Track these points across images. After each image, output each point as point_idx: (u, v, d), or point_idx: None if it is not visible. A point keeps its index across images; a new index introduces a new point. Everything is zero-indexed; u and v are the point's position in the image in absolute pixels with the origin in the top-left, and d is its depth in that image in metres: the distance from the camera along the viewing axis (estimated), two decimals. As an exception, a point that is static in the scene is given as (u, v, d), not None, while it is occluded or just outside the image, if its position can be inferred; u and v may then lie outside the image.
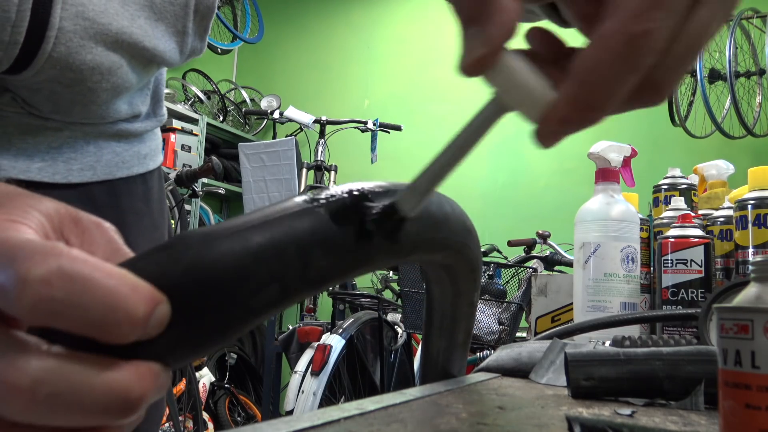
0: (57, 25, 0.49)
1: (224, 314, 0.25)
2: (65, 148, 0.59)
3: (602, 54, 0.26)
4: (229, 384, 3.38)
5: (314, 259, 0.27)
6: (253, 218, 0.27)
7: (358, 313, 2.68)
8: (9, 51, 0.48)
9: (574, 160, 3.43)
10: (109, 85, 0.55)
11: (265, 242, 0.26)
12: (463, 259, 0.45)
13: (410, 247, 0.33)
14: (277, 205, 0.28)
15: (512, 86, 0.28)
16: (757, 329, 0.33)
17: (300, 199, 0.29)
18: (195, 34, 0.61)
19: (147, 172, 0.68)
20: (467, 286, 0.50)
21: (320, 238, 0.28)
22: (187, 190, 2.80)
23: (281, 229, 0.27)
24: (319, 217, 0.28)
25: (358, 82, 4.62)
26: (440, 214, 0.38)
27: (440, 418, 0.42)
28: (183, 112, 4.01)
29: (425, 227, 0.35)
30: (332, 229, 0.28)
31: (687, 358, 0.53)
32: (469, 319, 0.54)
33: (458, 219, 0.41)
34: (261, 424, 0.36)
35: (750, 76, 3.49)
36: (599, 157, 1.15)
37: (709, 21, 0.27)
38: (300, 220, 0.27)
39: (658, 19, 0.25)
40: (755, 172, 0.95)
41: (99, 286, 0.23)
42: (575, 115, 0.27)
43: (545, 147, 0.29)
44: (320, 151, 3.49)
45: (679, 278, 0.93)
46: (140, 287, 0.24)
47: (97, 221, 0.29)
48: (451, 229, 0.39)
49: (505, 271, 2.66)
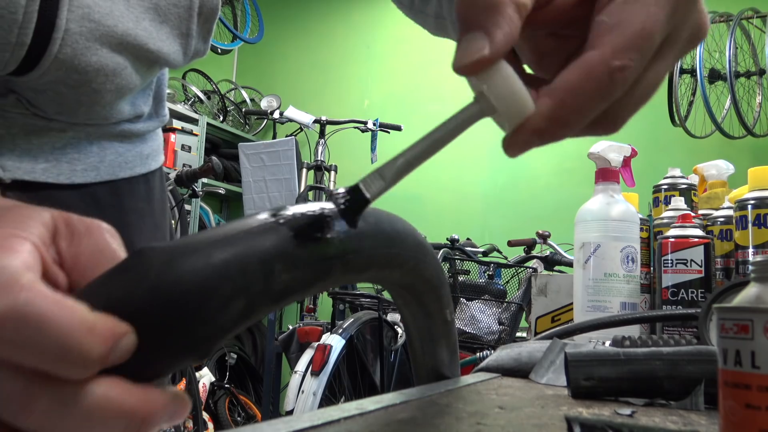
0: (63, 26, 0.49)
1: (191, 333, 0.25)
2: (69, 149, 0.59)
3: (583, 79, 0.30)
4: (229, 384, 3.38)
5: (276, 273, 0.27)
6: (214, 234, 0.27)
7: (358, 313, 2.68)
8: (16, 52, 0.49)
9: (574, 160, 3.44)
10: (113, 87, 0.55)
11: (228, 258, 0.26)
12: (421, 277, 0.44)
13: (365, 262, 0.33)
14: (240, 222, 0.28)
15: (504, 91, 0.30)
16: (757, 329, 0.33)
17: (262, 216, 0.29)
18: (198, 36, 0.61)
19: (149, 172, 0.68)
20: (435, 305, 0.49)
21: (281, 252, 0.27)
22: (187, 190, 2.80)
23: (244, 244, 0.27)
24: (280, 232, 0.28)
25: (358, 82, 4.62)
26: (391, 230, 0.37)
27: (440, 418, 0.42)
28: (183, 112, 4.01)
29: (378, 242, 0.35)
30: (292, 243, 0.28)
31: (687, 358, 0.53)
32: (449, 336, 0.53)
33: (410, 235, 0.40)
34: (261, 424, 0.36)
35: (750, 76, 3.49)
36: (599, 157, 1.15)
37: (663, 73, 0.32)
38: (262, 237, 0.27)
39: (633, 59, 0.30)
40: (755, 172, 0.95)
41: (53, 327, 0.23)
42: (549, 129, 0.30)
43: (511, 156, 0.32)
44: (320, 151, 3.49)
45: (679, 278, 0.93)
46: (97, 326, 0.23)
47: (89, 225, 0.29)
48: (404, 245, 0.39)
49: (505, 271, 2.66)
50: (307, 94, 4.63)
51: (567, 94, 0.30)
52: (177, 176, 2.70)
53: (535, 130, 0.30)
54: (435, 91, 4.16)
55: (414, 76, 4.37)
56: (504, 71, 0.30)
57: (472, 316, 2.42)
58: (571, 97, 0.30)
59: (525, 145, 0.31)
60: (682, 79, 3.50)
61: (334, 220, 0.29)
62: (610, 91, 0.30)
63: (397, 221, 0.39)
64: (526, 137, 0.31)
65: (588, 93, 0.30)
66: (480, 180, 4.10)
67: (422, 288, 0.46)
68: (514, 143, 0.31)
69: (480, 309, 2.46)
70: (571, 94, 0.30)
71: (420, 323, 0.51)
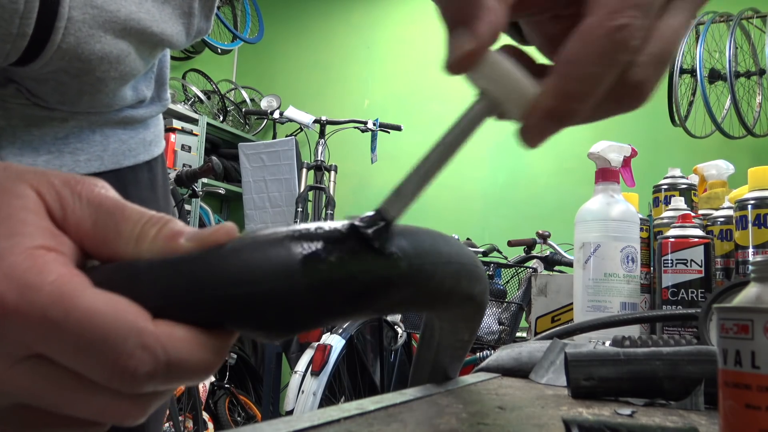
0: (66, 15, 0.48)
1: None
2: (71, 139, 0.58)
3: (582, 46, 0.29)
4: (229, 384, 3.38)
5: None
6: (241, 241, 0.27)
7: (358, 313, 2.68)
8: (17, 43, 0.47)
9: (574, 160, 3.43)
10: (117, 74, 0.54)
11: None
12: (457, 314, 0.43)
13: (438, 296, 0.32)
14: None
15: (499, 80, 0.29)
16: (757, 329, 0.33)
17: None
18: (201, 15, 0.60)
19: (152, 159, 0.67)
20: (458, 326, 0.48)
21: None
22: (187, 190, 2.80)
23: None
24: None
25: (358, 82, 4.62)
26: (449, 283, 0.34)
27: (440, 418, 0.42)
28: (183, 112, 4.01)
29: (425, 295, 0.32)
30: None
31: (687, 358, 0.53)
32: (458, 349, 0.53)
33: (468, 285, 0.37)
34: (261, 424, 0.36)
35: (750, 76, 3.49)
36: (599, 157, 1.15)
37: (678, 27, 0.30)
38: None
39: (633, 17, 0.28)
40: (755, 172, 0.95)
41: (192, 363, 0.26)
42: (559, 106, 0.29)
43: (531, 146, 0.30)
44: (320, 151, 3.49)
45: (679, 278, 0.93)
46: (209, 345, 0.27)
47: (73, 185, 0.28)
48: (454, 296, 0.36)
49: (505, 271, 2.66)
50: (307, 94, 4.63)
51: (570, 66, 0.29)
52: (177, 176, 2.70)
53: (546, 110, 0.29)
54: (435, 91, 4.16)
55: (414, 76, 4.37)
56: (495, 61, 0.29)
57: (472, 316, 2.42)
58: (575, 67, 0.29)
59: (541, 131, 0.30)
60: (682, 79, 3.50)
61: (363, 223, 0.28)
62: (615, 53, 0.29)
63: (469, 270, 0.37)
64: (537, 121, 0.29)
65: (591, 60, 0.28)
66: (480, 180, 4.10)
67: (452, 318, 0.45)
68: (527, 130, 0.30)
69: (480, 309, 2.45)
70: (574, 65, 0.29)
71: (434, 330, 0.50)
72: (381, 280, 0.28)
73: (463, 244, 0.38)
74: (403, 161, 3.28)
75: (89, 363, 0.25)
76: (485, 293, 0.42)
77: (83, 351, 0.24)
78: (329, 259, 0.26)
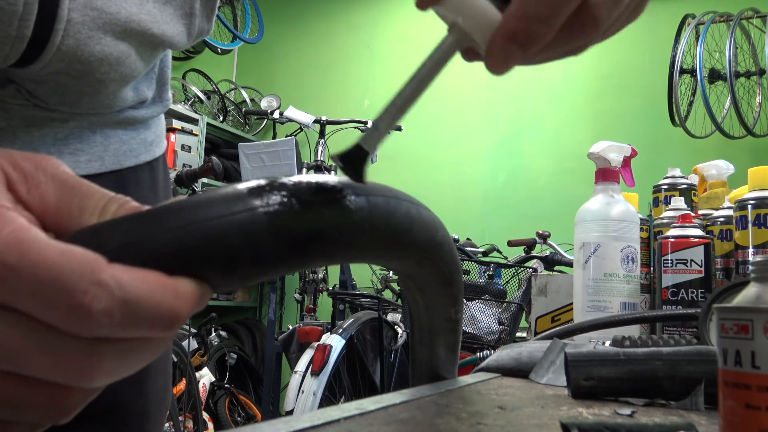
0: (66, 16, 0.47)
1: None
2: (71, 140, 0.58)
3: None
4: (229, 384, 3.38)
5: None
6: (198, 198, 0.29)
7: (358, 313, 2.68)
8: (16, 45, 0.47)
9: (574, 160, 3.43)
10: (117, 76, 0.53)
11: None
12: (427, 272, 0.43)
13: (361, 242, 0.33)
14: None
15: (467, 11, 0.31)
16: (757, 329, 0.33)
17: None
18: (202, 15, 0.60)
19: (153, 159, 0.67)
20: (439, 300, 0.48)
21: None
22: (187, 190, 2.80)
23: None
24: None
25: (358, 82, 4.62)
26: (404, 216, 0.36)
27: (440, 418, 0.42)
28: (183, 112, 4.01)
29: (381, 226, 0.34)
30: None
31: (687, 358, 0.53)
32: (449, 334, 0.52)
33: (427, 227, 0.39)
34: (261, 424, 0.36)
35: (750, 76, 3.49)
36: (599, 157, 1.15)
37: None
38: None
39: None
40: (755, 172, 0.95)
41: (151, 304, 0.26)
42: (523, 27, 0.30)
43: (497, 72, 0.32)
44: (320, 151, 3.49)
45: (679, 278, 0.93)
46: (180, 290, 0.26)
47: (36, 161, 0.29)
48: (412, 235, 0.38)
49: (505, 271, 2.66)
50: (307, 94, 4.63)
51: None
52: (177, 176, 2.70)
53: (509, 33, 0.31)
54: (435, 91, 4.13)
55: (414, 76, 4.37)
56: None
57: (472, 316, 2.42)
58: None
59: (506, 56, 0.31)
60: (682, 79, 3.50)
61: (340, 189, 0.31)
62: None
63: (419, 210, 0.38)
64: (502, 45, 0.31)
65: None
66: (480, 180, 4.10)
67: (427, 282, 0.45)
68: (491, 54, 0.31)
69: (480, 309, 2.46)
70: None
71: (421, 314, 0.50)
72: (333, 224, 0.31)
73: (424, 207, 0.39)
74: (404, 161, 3.30)
75: (44, 304, 0.24)
76: (448, 242, 0.43)
77: (38, 291, 0.24)
78: (281, 199, 0.29)
